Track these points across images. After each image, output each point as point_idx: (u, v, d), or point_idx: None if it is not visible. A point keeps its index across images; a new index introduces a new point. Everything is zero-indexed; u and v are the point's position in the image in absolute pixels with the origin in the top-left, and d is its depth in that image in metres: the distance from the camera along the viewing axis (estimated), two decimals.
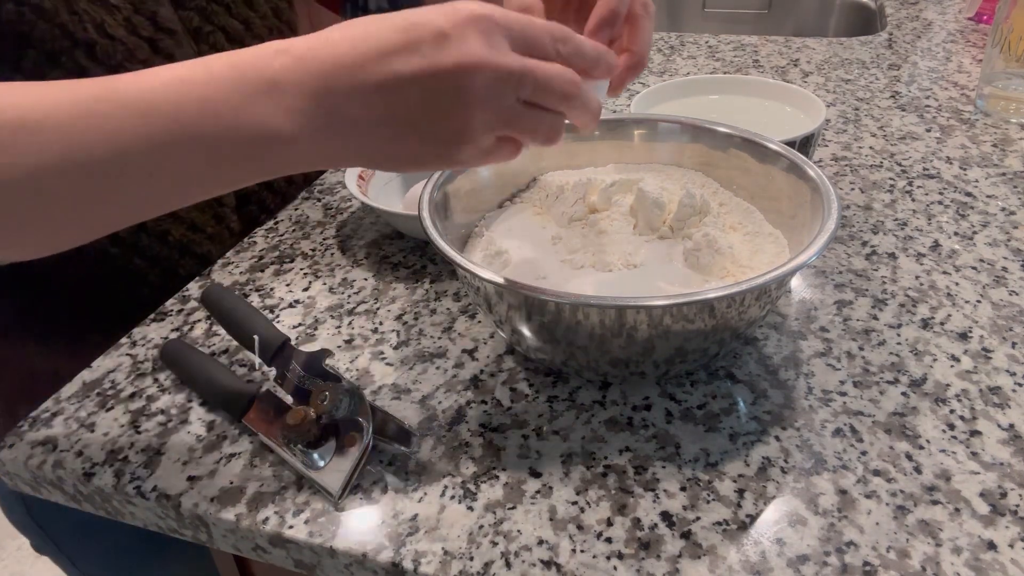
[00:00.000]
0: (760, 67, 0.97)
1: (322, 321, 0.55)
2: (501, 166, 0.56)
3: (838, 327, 0.52)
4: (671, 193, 0.53)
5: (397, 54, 0.34)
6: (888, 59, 0.99)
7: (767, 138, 0.53)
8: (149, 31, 0.57)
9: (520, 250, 0.51)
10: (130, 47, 0.56)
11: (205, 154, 0.34)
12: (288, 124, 0.34)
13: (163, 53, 0.58)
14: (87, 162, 0.32)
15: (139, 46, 0.56)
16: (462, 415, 0.46)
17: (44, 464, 0.44)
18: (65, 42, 0.53)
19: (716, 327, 0.41)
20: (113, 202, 0.34)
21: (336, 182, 0.74)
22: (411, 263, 0.61)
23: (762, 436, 0.43)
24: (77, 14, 0.53)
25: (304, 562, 0.40)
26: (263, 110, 0.34)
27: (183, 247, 0.63)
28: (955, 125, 0.80)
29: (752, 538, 0.38)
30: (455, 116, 0.35)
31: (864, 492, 0.40)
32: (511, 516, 0.40)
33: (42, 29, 0.51)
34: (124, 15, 0.55)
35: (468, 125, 0.36)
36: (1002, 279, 0.56)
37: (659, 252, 0.49)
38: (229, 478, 0.43)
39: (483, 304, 0.45)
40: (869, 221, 0.63)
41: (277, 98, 0.34)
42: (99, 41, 0.54)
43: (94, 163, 0.32)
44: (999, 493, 0.40)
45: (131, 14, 0.56)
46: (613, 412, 0.46)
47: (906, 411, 0.45)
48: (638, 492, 0.40)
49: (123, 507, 0.43)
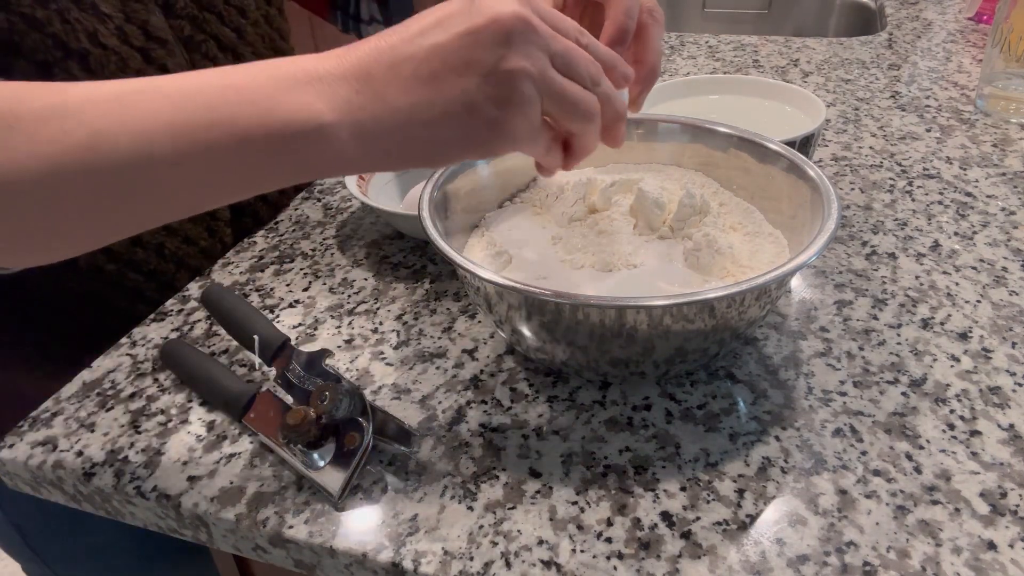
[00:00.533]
0: (760, 67, 0.97)
1: (322, 321, 0.55)
2: (502, 166, 0.56)
3: (838, 327, 0.52)
4: (671, 193, 0.53)
5: (432, 29, 0.34)
6: (888, 59, 0.99)
7: (767, 138, 0.53)
8: (141, 40, 0.56)
9: (520, 250, 0.51)
10: (123, 56, 0.55)
11: (236, 144, 0.32)
12: (328, 112, 0.33)
13: (156, 63, 0.57)
14: (111, 150, 0.31)
15: (132, 56, 0.56)
16: (462, 415, 0.46)
17: (44, 464, 0.44)
18: (58, 52, 0.52)
19: (716, 327, 0.41)
20: (133, 199, 0.33)
21: (336, 182, 0.74)
22: (411, 263, 0.61)
23: (762, 436, 0.43)
24: (70, 23, 0.52)
25: (304, 562, 0.40)
26: (301, 97, 0.33)
27: (178, 260, 0.63)
28: (955, 125, 0.80)
29: (752, 538, 0.38)
30: (498, 71, 0.34)
31: (864, 492, 0.40)
32: (511, 516, 0.40)
33: (34, 39, 0.51)
34: (116, 23, 0.55)
35: (512, 78, 0.34)
36: (1002, 279, 0.56)
37: (659, 252, 0.49)
38: (229, 478, 0.43)
39: (483, 304, 0.45)
40: (869, 221, 0.63)
41: (317, 86, 0.33)
42: (92, 51, 0.53)
43: (119, 152, 0.31)
44: (999, 493, 0.40)
45: (123, 23, 0.55)
46: (613, 412, 0.46)
47: (906, 411, 0.45)
48: (638, 492, 0.40)
49: (123, 507, 0.43)
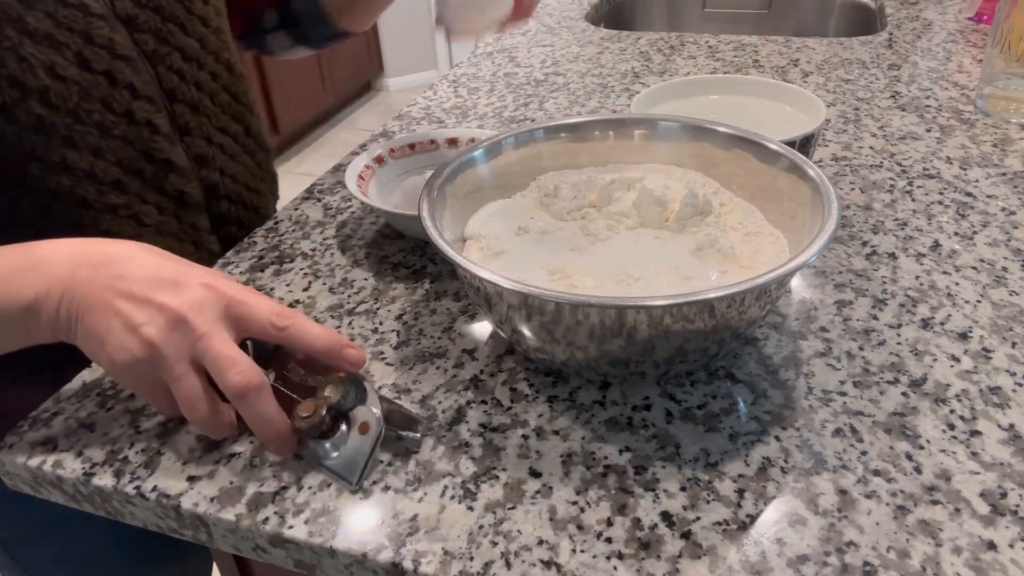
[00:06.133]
0: (760, 67, 0.97)
1: (322, 321, 0.55)
2: (502, 165, 0.56)
3: (838, 327, 0.52)
4: (674, 192, 0.53)
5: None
6: (888, 59, 0.99)
7: (767, 138, 0.53)
8: (105, 62, 0.54)
9: (520, 249, 0.51)
10: (84, 86, 0.53)
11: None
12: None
13: (121, 84, 0.55)
14: None
15: (95, 82, 0.53)
16: (462, 415, 0.46)
17: (44, 464, 0.44)
18: (15, 93, 0.50)
19: (716, 327, 0.41)
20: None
21: (336, 182, 0.74)
22: (411, 263, 0.61)
23: (762, 436, 0.43)
24: (25, 60, 0.50)
25: (304, 562, 0.40)
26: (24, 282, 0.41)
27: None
28: (955, 125, 0.80)
29: (752, 538, 0.38)
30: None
31: (864, 492, 0.40)
32: (511, 516, 0.40)
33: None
34: (74, 50, 0.52)
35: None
36: (1002, 279, 0.56)
37: (659, 251, 0.49)
38: (229, 478, 0.43)
39: (483, 304, 0.45)
40: (869, 221, 0.63)
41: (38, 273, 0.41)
42: (52, 85, 0.51)
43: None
44: (999, 493, 0.40)
45: (83, 47, 0.53)
46: (613, 412, 0.46)
47: (906, 411, 0.45)
48: (638, 492, 0.40)
49: (123, 507, 0.43)
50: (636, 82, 0.95)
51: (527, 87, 0.95)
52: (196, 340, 0.40)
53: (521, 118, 0.87)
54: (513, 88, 0.95)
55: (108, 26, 0.54)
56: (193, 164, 0.61)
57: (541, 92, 0.94)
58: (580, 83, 0.96)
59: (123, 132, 0.55)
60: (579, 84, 0.95)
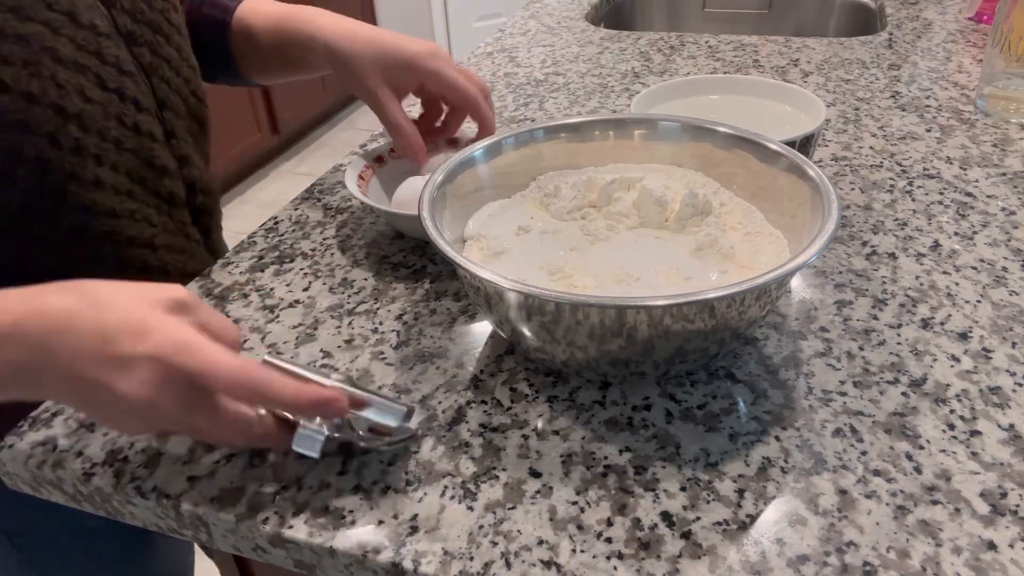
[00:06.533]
0: (760, 67, 0.97)
1: (322, 321, 0.55)
2: (502, 165, 0.56)
3: (838, 327, 0.52)
4: (674, 192, 0.53)
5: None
6: (888, 59, 0.99)
7: (767, 138, 0.53)
8: (116, 80, 0.55)
9: (520, 249, 0.51)
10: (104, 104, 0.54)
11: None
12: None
13: (129, 98, 0.56)
14: None
15: (110, 100, 0.55)
16: (462, 415, 0.46)
17: (44, 464, 0.44)
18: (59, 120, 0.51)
19: (716, 327, 0.41)
20: None
21: (336, 182, 0.74)
22: (411, 263, 0.61)
23: (762, 436, 0.43)
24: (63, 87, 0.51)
25: (304, 562, 0.40)
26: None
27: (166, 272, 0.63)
28: (955, 125, 0.80)
29: (752, 538, 0.38)
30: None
31: (864, 492, 0.40)
32: (511, 516, 0.40)
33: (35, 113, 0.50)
34: (94, 72, 0.53)
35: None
36: (1002, 279, 0.56)
37: (660, 251, 0.49)
38: (229, 478, 0.43)
39: (483, 304, 0.45)
40: (869, 221, 0.63)
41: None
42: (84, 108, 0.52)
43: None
44: (999, 493, 0.40)
45: (99, 67, 0.54)
46: (613, 412, 0.46)
47: (906, 411, 0.45)
48: (638, 492, 0.40)
49: (123, 507, 0.43)
50: (636, 82, 0.95)
51: (527, 87, 0.95)
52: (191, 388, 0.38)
53: (521, 118, 0.87)
54: (513, 88, 0.95)
55: (114, 44, 0.55)
56: (178, 165, 0.63)
57: (541, 92, 0.94)
58: (580, 83, 0.96)
59: (133, 144, 0.57)
60: (579, 84, 0.95)
